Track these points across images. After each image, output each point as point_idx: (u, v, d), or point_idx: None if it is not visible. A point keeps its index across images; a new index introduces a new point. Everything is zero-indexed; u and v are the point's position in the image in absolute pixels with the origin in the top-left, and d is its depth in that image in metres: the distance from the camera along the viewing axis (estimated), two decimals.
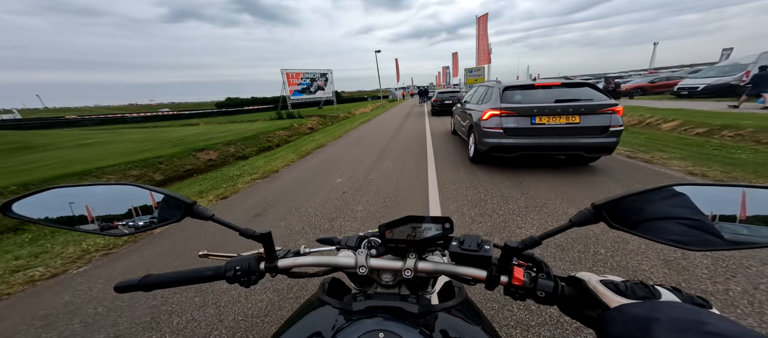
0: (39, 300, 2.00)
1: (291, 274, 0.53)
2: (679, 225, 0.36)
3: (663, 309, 0.30)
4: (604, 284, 0.38)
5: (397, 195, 3.65)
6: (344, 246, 0.57)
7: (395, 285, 0.53)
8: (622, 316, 0.32)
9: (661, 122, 7.40)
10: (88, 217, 0.43)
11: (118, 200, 0.45)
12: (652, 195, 0.37)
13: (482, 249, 0.45)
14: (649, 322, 0.28)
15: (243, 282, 0.48)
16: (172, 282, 0.47)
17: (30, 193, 0.42)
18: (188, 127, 19.34)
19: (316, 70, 24.65)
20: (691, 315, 0.28)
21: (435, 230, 0.46)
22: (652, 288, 0.35)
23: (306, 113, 21.70)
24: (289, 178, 4.92)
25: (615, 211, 0.38)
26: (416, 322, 0.41)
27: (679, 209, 0.36)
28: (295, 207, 3.49)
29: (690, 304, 0.32)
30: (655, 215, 0.37)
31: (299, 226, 2.96)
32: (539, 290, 0.42)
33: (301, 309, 0.51)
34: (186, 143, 9.23)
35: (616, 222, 0.38)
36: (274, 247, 0.51)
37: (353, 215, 3.15)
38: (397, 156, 5.87)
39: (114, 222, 0.45)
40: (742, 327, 0.26)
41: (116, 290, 0.45)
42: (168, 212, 0.46)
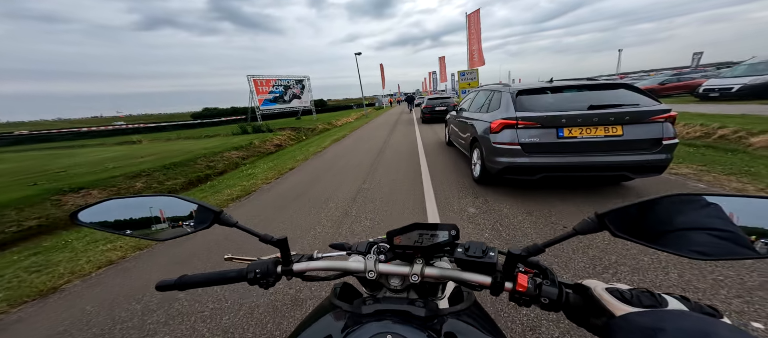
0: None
1: (305, 277, 0.57)
2: (705, 236, 0.35)
3: (670, 319, 0.30)
4: (610, 292, 0.38)
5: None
6: (355, 251, 0.58)
7: (404, 289, 0.55)
8: (628, 325, 0.32)
9: (745, 134, 4.82)
10: (135, 223, 0.51)
11: (160, 209, 0.52)
12: (664, 203, 0.38)
13: (487, 256, 0.48)
14: (655, 332, 0.28)
15: (262, 283, 0.53)
16: (201, 282, 0.53)
17: (93, 204, 0.51)
18: (122, 146, 17.27)
19: (291, 77, 23.11)
20: (699, 325, 0.27)
21: (441, 237, 0.48)
22: (658, 296, 0.35)
23: (278, 125, 20.02)
24: (179, 254, 2.77)
25: (619, 220, 0.39)
26: (423, 326, 0.43)
27: (704, 219, 0.36)
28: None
29: (699, 313, 0.32)
30: (675, 227, 0.37)
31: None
32: (543, 296, 0.44)
33: (313, 312, 0.55)
34: (62, 179, 6.95)
35: (619, 231, 0.38)
36: (290, 252, 0.56)
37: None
38: (384, 184, 4.45)
39: (154, 227, 0.52)
40: (750, 335, 0.25)
41: (157, 289, 0.52)
42: (200, 220, 0.52)
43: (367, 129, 14.05)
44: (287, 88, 22.85)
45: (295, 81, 23.49)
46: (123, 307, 2.03)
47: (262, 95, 20.81)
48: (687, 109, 8.43)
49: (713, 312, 0.32)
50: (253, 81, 19.90)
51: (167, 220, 0.52)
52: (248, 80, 19.75)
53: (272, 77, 21.46)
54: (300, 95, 24.16)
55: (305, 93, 24.71)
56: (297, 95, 23.87)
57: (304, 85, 24.42)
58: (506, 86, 3.76)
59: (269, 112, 21.70)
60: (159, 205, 0.53)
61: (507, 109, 3.31)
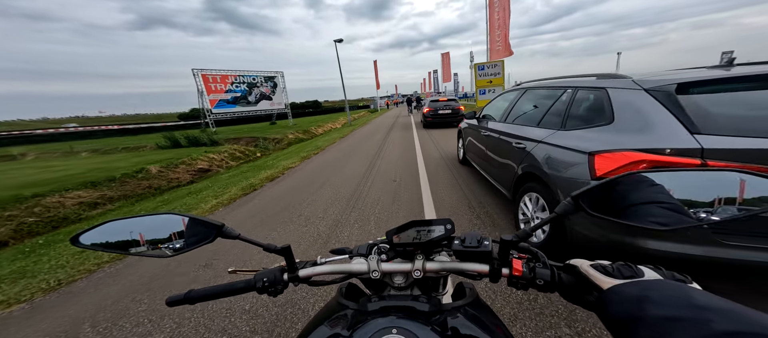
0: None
1: (311, 282, 0.58)
2: (657, 208, 0.41)
3: (653, 287, 0.33)
4: (594, 267, 0.41)
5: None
6: (356, 254, 0.59)
7: (407, 286, 0.57)
8: (618, 296, 0.35)
9: None
10: (139, 242, 0.52)
11: (162, 227, 0.53)
12: (624, 183, 0.43)
13: (482, 245, 0.50)
14: (642, 300, 0.31)
15: (270, 292, 0.54)
16: (211, 295, 0.53)
17: (93, 227, 0.52)
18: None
19: (258, 73, 18.67)
20: (677, 291, 0.31)
21: (438, 232, 0.50)
22: (635, 267, 0.39)
23: (235, 133, 15.57)
24: None
25: (592, 200, 0.43)
26: (428, 320, 0.45)
27: (654, 194, 0.42)
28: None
29: (672, 280, 0.36)
30: (633, 201, 0.42)
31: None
32: (538, 278, 0.46)
33: (321, 312, 0.56)
34: None
35: (593, 210, 0.43)
36: (294, 259, 0.56)
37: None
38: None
39: (159, 245, 0.53)
40: (723, 299, 0.29)
41: (167, 304, 0.52)
42: (202, 234, 0.53)
43: (353, 139, 10.69)
44: (252, 86, 18.39)
45: (263, 78, 19.04)
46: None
47: (216, 94, 16.34)
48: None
49: (683, 278, 0.36)
50: (201, 77, 15.38)
51: (172, 236, 0.53)
52: (194, 76, 15.23)
53: (230, 72, 16.98)
54: (271, 95, 19.72)
55: (278, 93, 20.26)
56: (266, 95, 19.42)
57: (276, 83, 19.98)
58: (619, 77, 1.87)
59: (226, 115, 17.21)
60: (161, 223, 0.54)
61: (650, 125, 1.51)
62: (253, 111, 18.91)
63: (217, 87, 16.16)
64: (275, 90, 20.00)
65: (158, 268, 2.36)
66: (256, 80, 18.56)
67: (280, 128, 18.05)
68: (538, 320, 1.53)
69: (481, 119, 3.72)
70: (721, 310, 0.27)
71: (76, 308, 1.97)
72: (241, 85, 17.53)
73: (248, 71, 18.04)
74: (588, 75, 2.24)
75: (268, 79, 19.44)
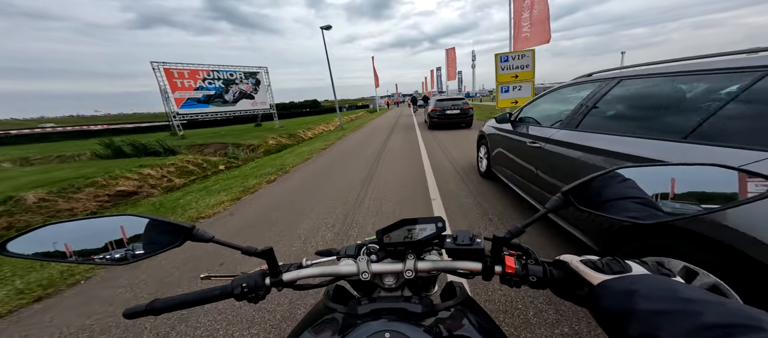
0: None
1: (296, 287, 0.55)
2: (632, 203, 0.42)
3: (640, 282, 0.34)
4: (585, 263, 0.42)
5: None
6: (344, 256, 0.58)
7: (398, 287, 0.56)
8: (608, 291, 0.36)
9: None
10: (86, 250, 0.46)
11: (115, 231, 0.47)
12: (603, 179, 0.44)
13: (474, 243, 0.50)
14: (631, 295, 0.32)
15: (250, 298, 0.50)
16: (179, 304, 0.49)
17: (24, 232, 0.44)
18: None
19: (237, 69, 16.29)
20: (664, 285, 0.32)
21: (429, 231, 0.49)
22: (622, 262, 0.40)
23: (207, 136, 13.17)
24: None
25: (579, 195, 0.44)
26: (421, 321, 0.44)
27: (630, 189, 0.43)
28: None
29: (658, 274, 0.37)
30: (611, 197, 0.43)
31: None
32: (531, 275, 0.46)
33: (307, 317, 0.54)
34: None
35: (581, 205, 0.43)
36: (277, 262, 0.53)
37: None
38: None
39: (116, 250, 0.46)
40: (704, 291, 0.30)
41: (124, 316, 0.47)
42: (168, 238, 0.48)
43: (344, 146, 8.87)
44: (229, 83, 16.00)
45: (243, 74, 16.64)
46: None
47: (185, 92, 13.94)
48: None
49: (668, 273, 0.38)
50: (163, 71, 12.98)
51: (129, 241, 0.47)
52: (155, 70, 12.83)
53: (201, 67, 14.58)
54: (252, 93, 17.31)
55: (262, 91, 17.85)
56: (247, 93, 17.02)
57: (259, 80, 17.59)
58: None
59: (197, 116, 14.82)
60: (117, 225, 0.48)
61: None
62: (231, 112, 16.50)
63: (184, 84, 13.76)
64: (258, 88, 17.60)
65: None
66: (235, 77, 16.16)
67: (263, 131, 15.68)
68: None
69: (517, 122, 2.96)
70: (708, 303, 0.28)
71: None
72: (215, 81, 15.13)
73: (225, 66, 15.64)
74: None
75: (250, 76, 17.04)
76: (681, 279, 0.35)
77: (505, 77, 9.40)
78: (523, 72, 9.22)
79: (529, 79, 9.22)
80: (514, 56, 9.27)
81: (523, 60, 9.19)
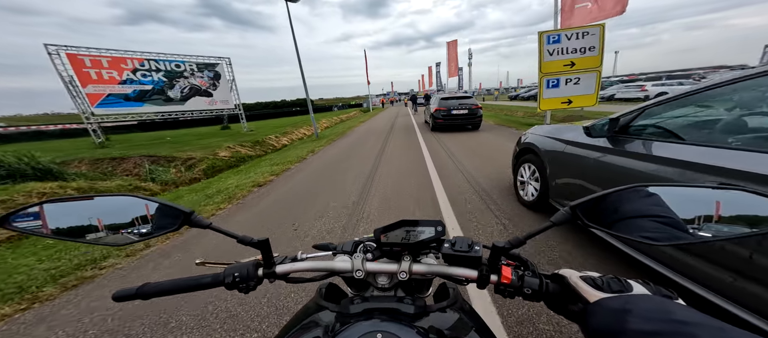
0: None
1: (289, 279, 0.55)
2: (650, 223, 0.40)
3: (635, 301, 0.34)
4: (584, 280, 0.41)
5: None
6: (340, 251, 0.58)
7: (391, 288, 0.55)
8: (602, 309, 0.35)
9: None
10: (96, 227, 0.46)
11: (117, 211, 0.47)
12: (621, 194, 0.42)
13: (473, 250, 0.49)
14: (624, 314, 0.32)
15: (241, 288, 0.50)
16: (169, 290, 0.49)
17: (28, 206, 0.44)
18: None
19: (186, 59, 12.79)
20: (659, 305, 0.32)
21: (428, 233, 0.49)
22: (624, 281, 0.39)
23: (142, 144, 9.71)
24: None
25: (589, 211, 0.42)
26: (412, 322, 0.44)
27: (653, 207, 0.41)
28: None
29: (658, 296, 0.36)
30: (627, 214, 0.42)
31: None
32: (526, 287, 0.46)
33: (299, 314, 0.54)
34: None
35: (590, 221, 0.42)
36: (272, 253, 0.53)
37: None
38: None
39: (117, 232, 0.47)
40: (705, 315, 0.29)
41: (114, 299, 0.48)
42: (166, 221, 0.48)
43: (321, 162, 6.42)
44: (175, 76, 12.49)
45: (195, 66, 13.16)
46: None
47: (104, 85, 10.42)
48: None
49: (669, 294, 0.37)
50: (65, 58, 9.43)
51: (128, 222, 0.47)
52: (51, 57, 9.27)
53: (130, 55, 11.03)
54: (209, 89, 13.83)
55: (223, 88, 14.37)
56: (202, 89, 13.54)
57: (218, 73, 14.10)
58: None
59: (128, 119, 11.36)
60: (115, 206, 0.48)
61: None
62: (178, 113, 12.99)
63: (102, 75, 10.25)
64: (218, 83, 14.11)
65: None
66: (183, 68, 12.65)
67: (223, 138, 12.31)
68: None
69: (629, 133, 1.88)
70: (703, 326, 0.27)
71: None
72: (152, 74, 11.62)
73: (167, 55, 12.10)
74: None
75: (205, 68, 13.55)
76: (681, 302, 0.35)
77: (554, 66, 6.19)
78: (583, 58, 6.02)
79: (593, 69, 6.01)
80: (569, 35, 6.01)
81: (584, 40, 5.94)
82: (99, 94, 10.30)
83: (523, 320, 1.52)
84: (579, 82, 6.17)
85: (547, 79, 6.32)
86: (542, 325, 1.47)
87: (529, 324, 1.49)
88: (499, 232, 2.52)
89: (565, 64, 6.13)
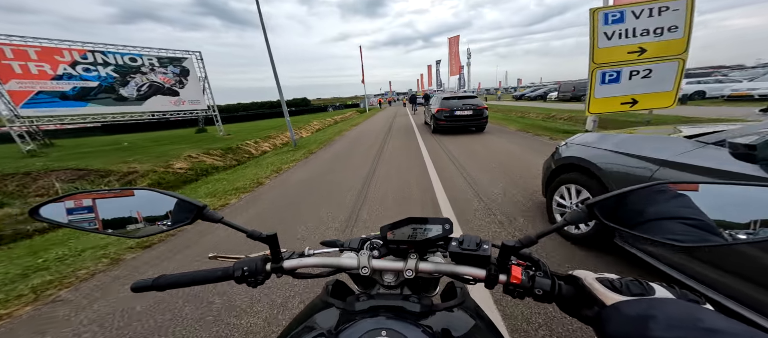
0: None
1: (296, 275, 0.56)
2: (679, 225, 0.38)
3: (659, 307, 0.31)
4: (600, 281, 0.39)
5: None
6: (347, 248, 0.58)
7: (397, 285, 0.55)
8: (620, 314, 0.33)
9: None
10: (110, 221, 0.48)
11: (137, 205, 0.50)
12: (645, 193, 0.40)
13: (481, 249, 0.47)
14: (646, 320, 0.30)
15: (250, 282, 0.51)
16: (184, 282, 0.50)
17: (55, 199, 0.47)
18: None
19: (143, 52, 10.85)
20: (686, 311, 0.29)
21: (435, 231, 0.48)
22: (646, 284, 0.36)
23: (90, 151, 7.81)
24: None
25: (608, 210, 0.41)
26: (418, 321, 0.44)
27: (681, 208, 0.39)
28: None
29: (684, 300, 0.34)
30: (652, 216, 0.40)
31: None
32: (537, 288, 0.44)
33: (305, 310, 0.54)
34: None
35: (607, 220, 0.40)
36: (280, 249, 0.54)
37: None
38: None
39: (134, 224, 0.49)
40: (736, 322, 0.27)
41: (133, 290, 0.49)
42: (181, 215, 0.50)
43: (291, 181, 5.00)
44: (129, 72, 10.53)
45: (156, 60, 11.21)
46: None
47: (34, 81, 8.48)
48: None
49: (697, 299, 0.34)
50: None
51: (145, 216, 0.50)
52: None
53: (69, 45, 9.08)
54: (174, 87, 11.89)
55: (191, 86, 12.45)
56: (165, 87, 11.59)
57: (186, 69, 12.17)
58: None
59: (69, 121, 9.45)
60: (135, 200, 0.50)
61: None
62: (135, 114, 11.03)
63: (30, 69, 8.29)
64: (186, 80, 12.18)
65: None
66: (139, 62, 10.71)
67: (192, 144, 10.44)
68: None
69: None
70: (736, 334, 0.25)
71: None
72: (98, 68, 9.66)
73: (118, 47, 10.15)
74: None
75: (169, 63, 11.61)
76: (710, 308, 0.32)
77: (614, 53, 4.36)
78: (659, 42, 4.18)
79: (674, 57, 4.18)
80: (639, 11, 4.13)
81: (662, 17, 4.09)
82: (26, 91, 8.37)
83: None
84: (651, 75, 4.32)
85: (602, 71, 4.48)
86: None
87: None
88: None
89: (630, 51, 4.30)
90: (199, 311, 1.75)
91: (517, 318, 1.53)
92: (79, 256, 2.62)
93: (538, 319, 1.50)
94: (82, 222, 0.47)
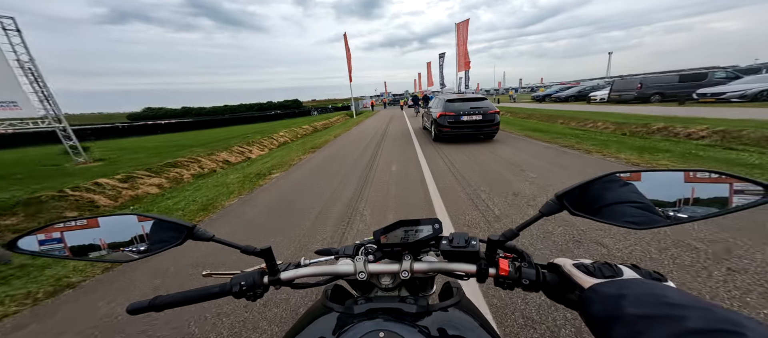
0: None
1: (294, 285, 0.56)
2: (631, 208, 0.42)
3: (629, 286, 0.34)
4: (577, 267, 0.43)
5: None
6: (342, 255, 0.59)
7: (395, 287, 0.57)
8: (597, 295, 0.36)
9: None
10: (99, 246, 0.48)
11: (122, 229, 0.49)
12: (602, 183, 0.44)
13: (470, 245, 0.50)
14: (619, 299, 0.33)
15: (249, 296, 0.52)
16: (180, 301, 0.50)
17: (34, 230, 0.46)
18: None
19: None
20: (652, 289, 0.33)
21: (426, 232, 0.50)
22: (615, 266, 0.40)
23: None
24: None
25: (574, 199, 0.44)
26: (415, 322, 0.45)
27: (628, 194, 0.43)
28: None
29: (649, 279, 0.38)
30: (609, 201, 0.43)
31: None
32: (524, 278, 0.47)
33: (305, 315, 0.55)
34: None
35: (576, 210, 0.43)
36: (275, 261, 0.55)
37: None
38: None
39: (120, 250, 0.49)
40: (694, 296, 0.30)
41: (129, 312, 0.49)
42: (170, 236, 0.49)
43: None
44: None
45: None
46: None
47: None
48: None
49: (659, 277, 0.38)
50: None
51: (134, 239, 0.49)
52: None
53: None
54: None
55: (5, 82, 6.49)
56: None
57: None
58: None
59: None
60: (121, 225, 0.50)
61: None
62: None
63: None
64: None
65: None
66: None
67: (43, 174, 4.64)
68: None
69: None
70: (695, 308, 0.28)
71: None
72: None
73: None
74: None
75: None
76: (672, 285, 0.35)
77: None
78: None
79: None
80: None
81: None
82: None
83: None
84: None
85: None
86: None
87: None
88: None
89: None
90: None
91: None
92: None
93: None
94: (53, 251, 0.48)
